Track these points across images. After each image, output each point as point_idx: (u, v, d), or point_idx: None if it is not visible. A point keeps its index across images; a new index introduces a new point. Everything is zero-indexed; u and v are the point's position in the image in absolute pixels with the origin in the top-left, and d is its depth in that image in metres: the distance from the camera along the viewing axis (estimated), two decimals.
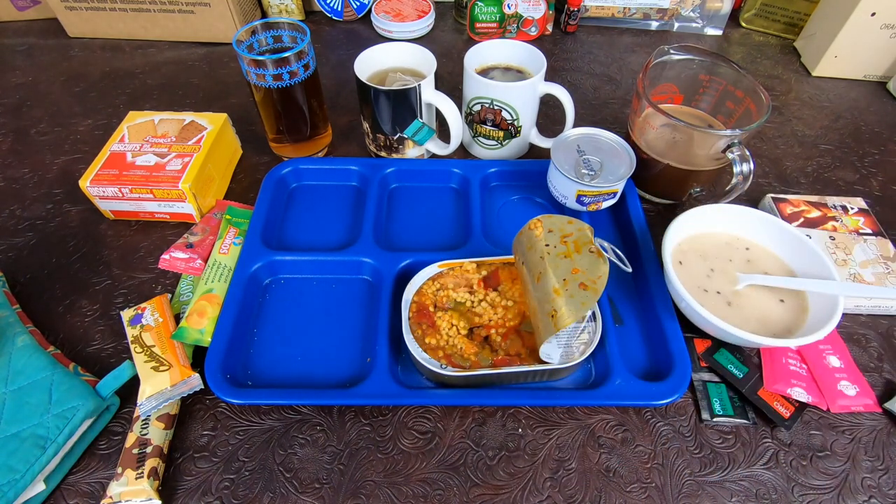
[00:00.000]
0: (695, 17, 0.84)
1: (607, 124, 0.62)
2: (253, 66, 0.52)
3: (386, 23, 0.81)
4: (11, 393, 0.41)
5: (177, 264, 0.52)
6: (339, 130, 0.68)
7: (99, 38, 0.83)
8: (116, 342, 0.48)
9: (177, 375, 0.42)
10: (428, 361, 0.42)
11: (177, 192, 0.53)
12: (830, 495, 0.40)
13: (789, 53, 0.82)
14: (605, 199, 0.53)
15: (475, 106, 0.59)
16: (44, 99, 0.73)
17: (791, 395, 0.44)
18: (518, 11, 0.80)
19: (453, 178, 0.61)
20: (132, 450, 0.40)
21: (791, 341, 0.41)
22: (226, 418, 0.44)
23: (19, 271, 0.53)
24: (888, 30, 0.70)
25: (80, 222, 0.58)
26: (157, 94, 0.74)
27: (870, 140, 0.68)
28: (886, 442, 0.43)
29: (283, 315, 0.50)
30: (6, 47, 0.82)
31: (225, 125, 0.60)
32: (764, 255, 0.50)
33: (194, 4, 0.77)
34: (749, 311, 0.46)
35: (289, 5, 0.84)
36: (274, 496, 0.40)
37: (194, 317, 0.46)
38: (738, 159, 0.49)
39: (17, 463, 0.38)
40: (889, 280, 0.51)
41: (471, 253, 0.51)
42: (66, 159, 0.65)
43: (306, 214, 0.58)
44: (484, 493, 0.40)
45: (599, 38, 0.85)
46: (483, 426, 0.44)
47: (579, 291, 0.39)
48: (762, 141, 0.68)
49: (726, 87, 0.56)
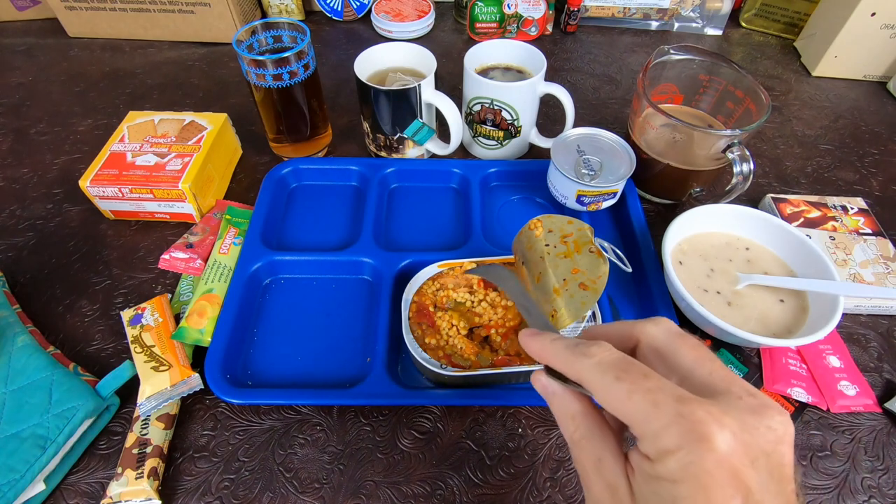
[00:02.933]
0: (695, 17, 0.84)
1: (607, 124, 0.62)
2: (253, 66, 0.52)
3: (386, 23, 0.81)
4: (11, 393, 0.41)
5: (177, 264, 0.52)
6: (339, 130, 0.68)
7: (99, 38, 0.83)
8: (116, 342, 0.48)
9: (177, 375, 0.42)
10: (428, 361, 0.42)
11: (177, 192, 0.53)
12: (830, 495, 0.40)
13: (789, 53, 0.82)
14: (605, 199, 0.53)
15: (475, 106, 0.59)
16: (44, 99, 0.73)
17: (791, 395, 0.44)
18: (518, 11, 0.80)
19: (453, 178, 0.61)
20: (132, 450, 0.40)
21: (791, 341, 0.41)
22: (226, 418, 0.44)
23: (19, 271, 0.53)
24: (888, 30, 0.70)
25: (80, 222, 0.58)
26: (157, 94, 0.74)
27: (870, 140, 0.68)
28: (886, 442, 0.43)
29: (283, 315, 0.50)
30: (6, 47, 0.82)
31: (225, 125, 0.60)
32: (764, 255, 0.50)
33: (194, 4, 0.77)
34: (749, 311, 0.46)
35: (289, 5, 0.84)
36: (274, 496, 0.40)
37: (194, 317, 0.46)
38: (738, 159, 0.49)
39: (17, 463, 0.38)
40: (889, 280, 0.51)
41: (471, 253, 0.51)
42: (66, 159, 0.65)
43: (306, 214, 0.58)
44: (484, 492, 0.40)
45: (599, 38, 0.85)
46: (483, 426, 0.44)
47: (579, 291, 0.39)
48: (762, 141, 0.68)
49: (726, 87, 0.56)
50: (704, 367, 0.24)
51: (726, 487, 0.20)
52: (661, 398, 0.21)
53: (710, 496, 0.20)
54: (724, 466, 0.20)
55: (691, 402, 0.21)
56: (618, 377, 0.23)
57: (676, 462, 0.20)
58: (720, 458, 0.20)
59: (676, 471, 0.20)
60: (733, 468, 0.20)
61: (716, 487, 0.20)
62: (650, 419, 0.21)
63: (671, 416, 0.21)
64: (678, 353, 0.25)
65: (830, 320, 0.42)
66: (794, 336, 0.43)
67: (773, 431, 0.21)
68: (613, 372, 0.23)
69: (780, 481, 0.21)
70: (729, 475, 0.20)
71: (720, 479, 0.20)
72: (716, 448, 0.20)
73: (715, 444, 0.20)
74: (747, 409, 0.21)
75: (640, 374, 0.23)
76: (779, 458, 0.21)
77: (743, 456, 0.20)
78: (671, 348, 0.25)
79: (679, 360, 0.24)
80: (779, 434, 0.21)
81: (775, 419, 0.22)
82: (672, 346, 0.25)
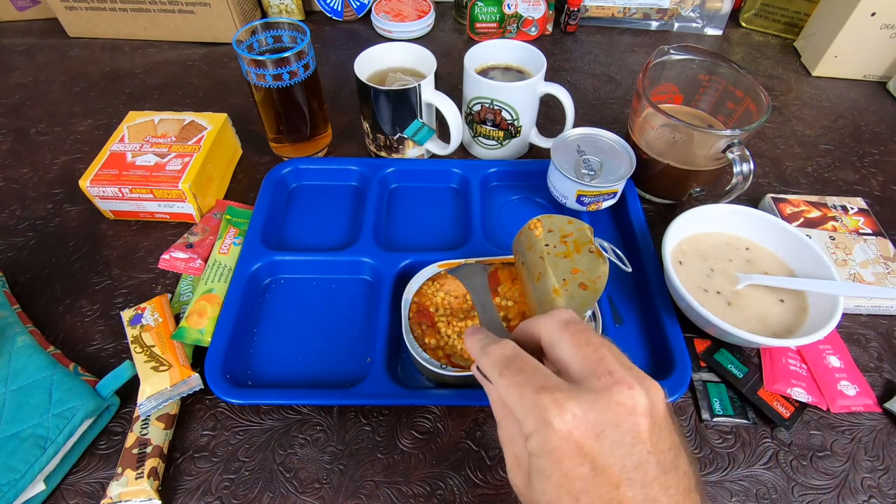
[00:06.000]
0: (695, 17, 0.84)
1: (607, 124, 0.62)
2: (253, 66, 0.52)
3: (386, 23, 0.81)
4: (11, 393, 0.41)
5: (177, 264, 0.52)
6: (339, 130, 0.68)
7: (99, 38, 0.83)
8: (116, 342, 0.48)
9: (177, 375, 0.42)
10: (428, 361, 0.42)
11: (177, 192, 0.53)
12: (830, 495, 0.40)
13: (789, 53, 0.82)
14: (605, 199, 0.53)
15: (475, 106, 0.59)
16: (44, 99, 0.73)
17: (791, 395, 0.44)
18: (518, 11, 0.80)
19: (453, 178, 0.61)
20: (132, 450, 0.40)
21: (791, 341, 0.41)
22: (226, 418, 0.44)
23: (19, 271, 0.53)
24: (888, 30, 0.70)
25: (80, 222, 0.58)
26: (157, 94, 0.74)
27: (870, 140, 0.68)
28: (886, 442, 0.43)
29: (283, 315, 0.50)
30: (6, 47, 0.82)
31: (225, 125, 0.60)
32: (764, 255, 0.50)
33: (194, 4, 0.77)
34: (749, 311, 0.46)
35: (289, 5, 0.84)
36: (274, 496, 0.40)
37: (194, 317, 0.46)
38: (738, 159, 0.49)
39: (17, 463, 0.38)
40: (889, 280, 0.51)
41: (471, 253, 0.51)
42: (66, 159, 0.65)
43: (306, 214, 0.58)
44: (484, 493, 0.40)
45: (599, 38, 0.85)
46: (483, 426, 0.44)
47: (579, 291, 0.39)
48: (762, 141, 0.68)
49: (726, 87, 0.56)
50: (578, 353, 0.27)
51: (574, 458, 0.24)
52: (525, 390, 0.26)
53: (562, 466, 0.24)
54: (568, 441, 0.24)
55: (544, 391, 0.25)
56: (501, 373, 0.27)
57: (535, 441, 0.25)
58: (563, 435, 0.24)
59: (537, 448, 0.25)
60: (577, 442, 0.24)
61: (565, 459, 0.24)
62: (518, 408, 0.26)
63: (529, 405, 0.25)
64: (560, 343, 0.28)
65: (830, 320, 0.42)
66: (794, 336, 0.43)
67: (621, 405, 0.25)
68: (498, 369, 0.27)
69: (632, 444, 0.24)
70: (574, 448, 0.24)
71: (567, 451, 0.24)
72: (557, 429, 0.24)
73: (555, 425, 0.24)
74: (598, 389, 0.25)
75: (516, 369, 0.27)
76: (630, 427, 0.24)
77: (586, 431, 0.24)
78: (555, 339, 0.28)
79: (559, 350, 0.28)
80: (629, 406, 0.25)
81: (623, 394, 0.25)
82: (556, 337, 0.28)
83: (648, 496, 0.24)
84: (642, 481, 0.24)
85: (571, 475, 0.24)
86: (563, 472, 0.24)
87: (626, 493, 0.24)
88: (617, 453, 0.24)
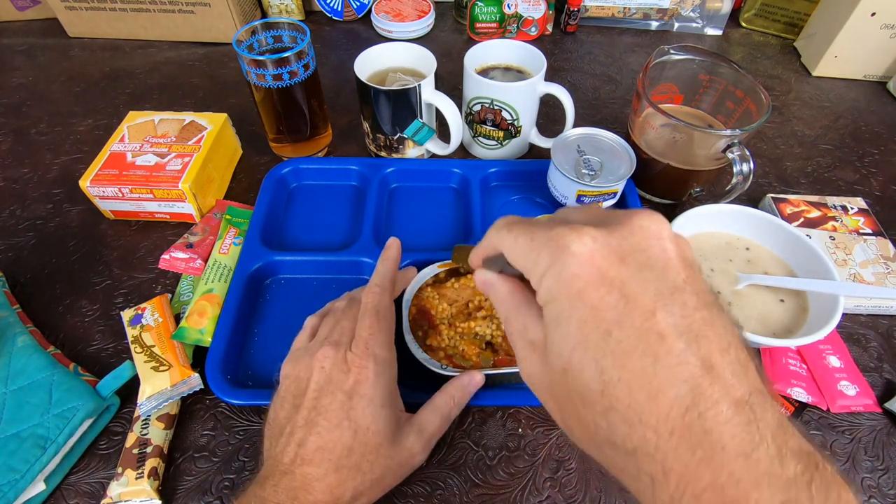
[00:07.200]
0: (695, 17, 0.84)
1: (607, 124, 0.62)
2: (253, 66, 0.52)
3: (386, 23, 0.81)
4: (11, 393, 0.41)
5: (177, 264, 0.52)
6: (339, 130, 0.68)
7: (99, 38, 0.83)
8: (116, 342, 0.48)
9: (177, 375, 0.42)
10: (428, 362, 0.42)
11: (177, 192, 0.53)
12: None
13: (789, 53, 0.82)
14: (605, 199, 0.53)
15: (475, 106, 0.59)
16: (44, 99, 0.73)
17: (791, 395, 0.44)
18: (518, 11, 0.80)
19: (453, 178, 0.61)
20: (132, 450, 0.40)
21: (791, 341, 0.41)
22: (226, 418, 0.44)
23: (19, 271, 0.53)
24: (888, 30, 0.70)
25: (80, 222, 0.58)
26: (157, 94, 0.74)
27: (870, 140, 0.68)
28: (886, 442, 0.43)
29: (283, 315, 0.50)
30: (6, 47, 0.82)
31: (225, 125, 0.60)
32: (764, 255, 0.50)
33: (194, 4, 0.77)
34: (749, 311, 0.46)
35: (289, 5, 0.84)
36: None
37: (194, 317, 0.46)
38: (738, 159, 0.49)
39: (18, 463, 0.38)
40: (889, 280, 0.51)
41: None
42: (66, 159, 0.65)
43: (306, 214, 0.58)
44: (484, 493, 0.40)
45: (599, 38, 0.85)
46: (483, 426, 0.44)
47: None
48: (762, 141, 0.68)
49: (726, 87, 0.56)
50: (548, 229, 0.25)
51: (598, 286, 0.21)
52: (536, 233, 0.24)
53: (585, 299, 0.21)
54: (589, 266, 0.21)
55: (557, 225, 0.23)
56: (509, 229, 0.26)
57: (550, 279, 0.22)
58: (583, 260, 0.21)
59: (553, 287, 0.22)
60: (599, 268, 0.21)
61: (588, 288, 0.21)
62: (529, 253, 0.23)
63: (543, 241, 0.23)
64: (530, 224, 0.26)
65: (830, 320, 0.42)
66: (794, 336, 0.43)
67: (645, 229, 0.22)
68: (507, 226, 0.26)
69: (664, 270, 0.21)
70: (597, 275, 0.21)
71: (589, 279, 0.21)
72: (576, 252, 0.21)
73: (573, 249, 0.21)
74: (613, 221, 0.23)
75: (526, 223, 0.26)
76: (659, 252, 0.21)
77: (609, 255, 0.21)
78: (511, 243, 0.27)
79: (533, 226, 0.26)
80: (653, 230, 0.22)
81: (644, 219, 0.22)
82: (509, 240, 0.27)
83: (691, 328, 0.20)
84: (682, 311, 0.20)
85: (599, 305, 0.20)
86: (588, 305, 0.21)
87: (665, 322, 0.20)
88: (648, 276, 0.21)
